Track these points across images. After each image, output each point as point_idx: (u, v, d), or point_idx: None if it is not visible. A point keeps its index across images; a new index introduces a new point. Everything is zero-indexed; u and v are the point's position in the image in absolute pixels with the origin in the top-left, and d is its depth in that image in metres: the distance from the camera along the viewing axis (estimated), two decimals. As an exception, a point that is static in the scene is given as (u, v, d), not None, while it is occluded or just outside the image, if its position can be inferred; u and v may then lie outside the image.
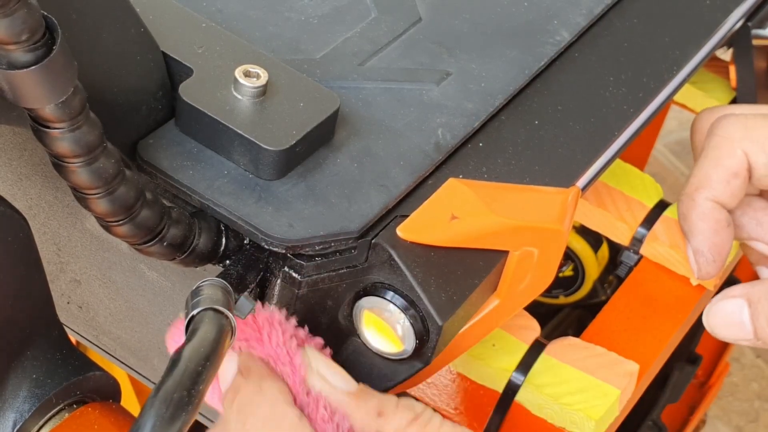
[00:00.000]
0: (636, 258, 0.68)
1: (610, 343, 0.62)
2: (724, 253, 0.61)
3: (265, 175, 0.48)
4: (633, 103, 0.58)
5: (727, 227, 0.60)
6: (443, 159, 0.52)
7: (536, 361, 0.60)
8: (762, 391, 1.50)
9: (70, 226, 0.55)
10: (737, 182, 0.59)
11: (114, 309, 0.57)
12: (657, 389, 0.89)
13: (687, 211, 0.61)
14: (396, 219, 0.49)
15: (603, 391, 0.59)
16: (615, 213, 0.68)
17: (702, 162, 0.60)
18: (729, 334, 0.59)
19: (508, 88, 0.55)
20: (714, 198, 0.59)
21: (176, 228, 0.46)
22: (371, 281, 0.48)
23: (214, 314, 0.43)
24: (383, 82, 0.54)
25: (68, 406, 0.51)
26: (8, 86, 0.39)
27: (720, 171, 0.59)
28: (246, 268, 0.47)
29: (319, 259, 0.47)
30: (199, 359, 0.41)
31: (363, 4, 0.57)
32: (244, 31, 0.54)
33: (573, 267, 0.83)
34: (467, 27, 0.58)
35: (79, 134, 0.41)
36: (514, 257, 0.51)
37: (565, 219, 0.52)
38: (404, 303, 0.48)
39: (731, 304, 0.59)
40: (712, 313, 0.60)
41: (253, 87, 0.48)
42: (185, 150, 0.48)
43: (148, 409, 0.39)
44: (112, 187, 0.43)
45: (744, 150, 0.59)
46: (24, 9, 0.36)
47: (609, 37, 0.61)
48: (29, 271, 0.48)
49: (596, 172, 0.56)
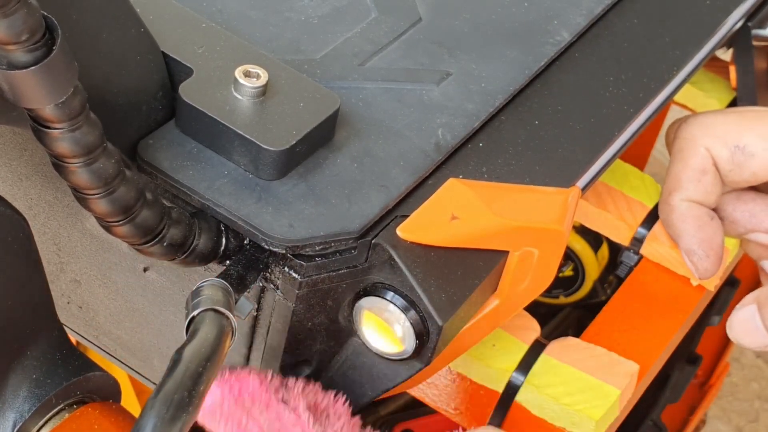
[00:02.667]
0: (636, 258, 0.68)
1: (610, 343, 0.62)
2: (716, 247, 0.61)
3: (265, 176, 0.48)
4: (633, 103, 0.58)
5: (711, 221, 0.60)
6: (443, 159, 0.52)
7: (536, 361, 0.60)
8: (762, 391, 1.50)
9: (70, 226, 0.55)
10: (707, 179, 0.59)
11: (114, 309, 0.57)
12: (657, 389, 0.89)
13: (667, 217, 0.61)
14: (396, 219, 0.49)
15: (603, 392, 0.59)
16: (615, 213, 0.68)
17: (670, 166, 0.61)
18: (751, 342, 0.59)
19: (508, 88, 0.55)
20: (688, 198, 0.60)
21: (176, 228, 0.46)
22: (371, 281, 0.48)
23: (214, 315, 0.43)
24: (383, 83, 0.54)
25: (68, 406, 0.51)
26: (8, 86, 0.39)
27: (687, 171, 0.60)
28: (246, 268, 0.47)
29: (319, 260, 0.47)
30: (200, 360, 0.41)
31: (363, 4, 0.57)
32: (244, 31, 0.54)
33: (573, 267, 0.83)
34: (467, 27, 0.58)
35: (79, 134, 0.41)
36: (514, 257, 0.51)
37: (565, 219, 0.52)
38: (404, 303, 0.48)
39: (745, 311, 0.59)
40: (732, 324, 0.60)
41: (253, 87, 0.48)
42: (185, 150, 0.48)
43: (149, 410, 0.39)
44: (112, 187, 0.43)
45: (706, 147, 0.59)
46: (24, 9, 0.36)
47: (609, 37, 0.61)
48: (29, 271, 0.48)
49: (596, 172, 0.56)
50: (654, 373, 0.65)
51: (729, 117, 0.60)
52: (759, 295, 0.59)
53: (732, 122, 0.60)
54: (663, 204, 0.61)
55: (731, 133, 0.59)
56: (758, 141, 0.59)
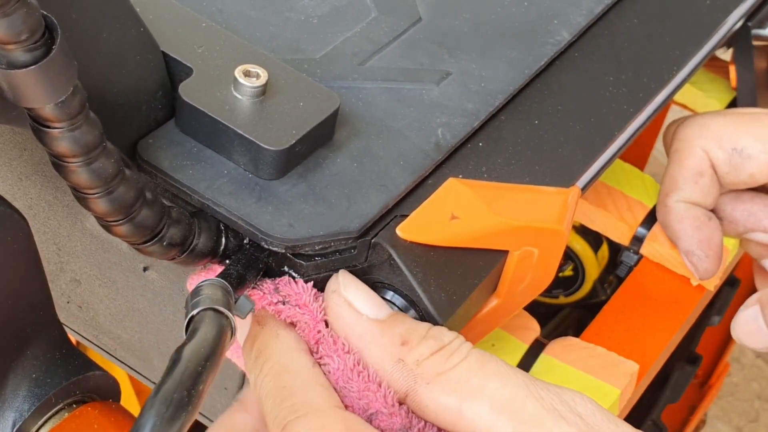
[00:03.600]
0: (636, 258, 0.68)
1: (610, 343, 0.62)
2: (715, 247, 0.61)
3: (265, 175, 0.48)
4: (633, 103, 0.58)
5: (709, 221, 0.60)
6: (443, 159, 0.52)
7: (536, 361, 0.60)
8: (762, 391, 1.50)
9: (70, 226, 0.55)
10: (704, 180, 0.60)
11: (114, 309, 0.57)
12: (657, 389, 0.89)
13: (664, 218, 0.61)
14: (396, 219, 0.49)
15: (603, 391, 0.59)
16: (615, 213, 0.68)
17: (668, 167, 0.61)
18: (755, 343, 0.60)
19: (508, 88, 0.55)
20: (685, 199, 0.60)
21: (176, 228, 0.46)
22: (371, 281, 0.48)
23: (214, 314, 0.43)
24: (383, 82, 0.54)
25: (68, 405, 0.51)
26: (8, 86, 0.39)
27: (684, 172, 0.60)
28: (246, 267, 0.47)
29: (318, 259, 0.47)
30: (199, 359, 0.41)
31: (363, 4, 0.57)
32: (244, 31, 0.54)
33: (573, 267, 0.83)
34: (467, 27, 0.58)
35: (79, 134, 0.41)
36: (514, 257, 0.51)
37: (565, 219, 0.52)
38: (404, 303, 0.48)
39: (748, 312, 0.59)
40: (736, 325, 0.60)
41: (253, 87, 0.48)
42: (185, 150, 0.48)
43: (148, 409, 0.39)
44: (112, 186, 0.43)
45: (703, 148, 0.60)
46: (23, 9, 0.36)
47: (609, 37, 0.61)
48: (29, 271, 0.48)
49: (596, 172, 0.56)
50: (654, 373, 0.65)
51: (726, 119, 0.60)
52: (762, 296, 0.59)
53: (729, 124, 0.60)
54: (660, 205, 0.61)
55: (728, 135, 0.59)
56: (755, 143, 0.59)
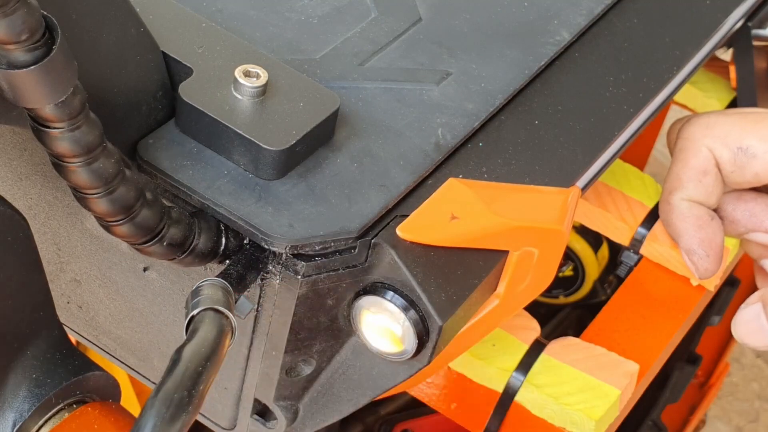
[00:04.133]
0: (636, 258, 0.68)
1: (610, 343, 0.62)
2: (716, 247, 0.61)
3: (265, 175, 0.48)
4: (633, 103, 0.58)
5: (711, 221, 0.60)
6: (443, 159, 0.52)
7: (536, 361, 0.60)
8: (762, 391, 1.50)
9: (70, 226, 0.55)
10: (709, 180, 0.60)
11: (114, 309, 0.57)
12: (657, 389, 0.89)
13: (667, 216, 0.61)
14: (396, 219, 0.49)
15: (603, 392, 0.59)
16: (615, 213, 0.68)
17: (672, 165, 0.61)
18: (755, 342, 0.59)
19: (508, 88, 0.55)
20: (688, 198, 0.60)
21: (176, 228, 0.46)
22: (371, 281, 0.48)
23: (214, 314, 0.43)
24: (383, 82, 0.54)
25: (68, 405, 0.51)
26: (8, 86, 0.39)
27: (688, 171, 0.60)
28: (246, 267, 0.47)
29: (318, 259, 0.47)
30: (200, 360, 0.41)
31: (363, 4, 0.57)
32: (244, 31, 0.54)
33: (573, 267, 0.83)
34: (467, 27, 0.58)
35: (79, 134, 0.41)
36: (514, 257, 0.51)
37: (565, 219, 0.52)
38: (404, 303, 0.48)
39: (749, 311, 0.59)
40: (736, 323, 0.60)
41: (253, 87, 0.48)
42: (185, 150, 0.48)
43: (149, 410, 0.39)
44: (112, 187, 0.43)
45: (708, 147, 0.60)
46: (24, 9, 0.36)
47: (609, 37, 0.61)
48: (29, 271, 0.48)
49: (596, 172, 0.56)
50: (654, 373, 0.65)
51: (731, 118, 0.60)
52: (763, 294, 0.59)
53: (734, 123, 0.60)
54: (663, 203, 0.61)
55: (733, 135, 0.59)
56: (760, 143, 0.59)
